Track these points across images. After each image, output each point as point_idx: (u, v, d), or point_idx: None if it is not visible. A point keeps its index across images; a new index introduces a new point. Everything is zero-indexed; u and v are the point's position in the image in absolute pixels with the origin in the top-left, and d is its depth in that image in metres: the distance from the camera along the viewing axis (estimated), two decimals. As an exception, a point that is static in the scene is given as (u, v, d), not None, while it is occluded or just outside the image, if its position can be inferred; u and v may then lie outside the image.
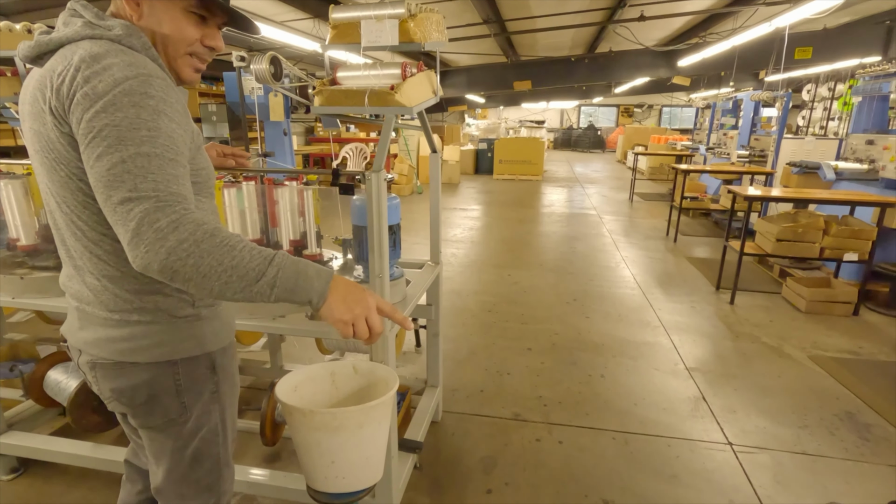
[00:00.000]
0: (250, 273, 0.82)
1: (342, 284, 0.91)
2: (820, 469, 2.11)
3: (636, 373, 2.90)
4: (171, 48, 0.95)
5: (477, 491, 1.98)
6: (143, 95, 0.83)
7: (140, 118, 0.81)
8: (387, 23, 1.41)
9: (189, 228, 0.79)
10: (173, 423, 1.06)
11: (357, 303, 0.90)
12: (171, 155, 0.84)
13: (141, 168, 0.80)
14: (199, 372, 1.06)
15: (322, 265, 0.94)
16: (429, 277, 2.09)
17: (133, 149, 0.80)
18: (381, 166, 1.38)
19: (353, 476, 1.35)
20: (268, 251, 0.85)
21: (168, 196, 0.80)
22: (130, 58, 0.86)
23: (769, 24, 5.45)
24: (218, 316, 1.09)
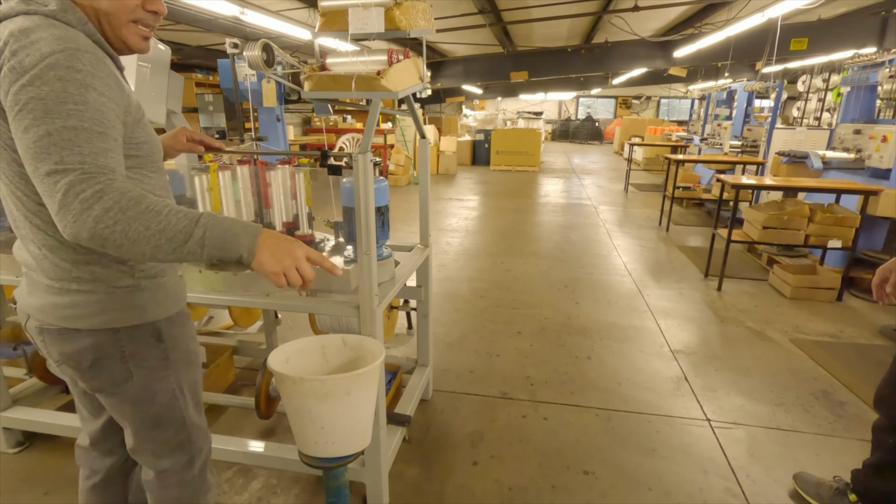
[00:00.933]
0: (178, 235, 0.85)
1: (270, 238, 0.93)
2: (792, 443, 2.20)
3: (622, 355, 2.99)
4: (113, 18, 0.96)
5: (464, 463, 2.07)
6: (69, 69, 0.83)
7: (67, 92, 0.83)
8: (373, 10, 1.47)
9: (114, 197, 0.82)
10: (120, 387, 1.09)
11: (286, 254, 0.93)
12: (99, 128, 0.85)
13: (67, 141, 0.82)
14: (144, 340, 1.08)
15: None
16: (418, 259, 2.16)
17: (60, 122, 0.82)
18: (368, 148, 1.45)
19: (342, 441, 1.44)
20: (194, 212, 0.88)
21: (93, 168, 0.83)
22: (61, 32, 0.87)
23: (763, 15, 5.49)
24: (162, 286, 1.11)
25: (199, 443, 1.26)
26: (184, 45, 7.51)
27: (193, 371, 1.22)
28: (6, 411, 2.08)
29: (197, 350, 1.25)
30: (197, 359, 1.25)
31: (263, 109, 2.08)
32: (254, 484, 1.95)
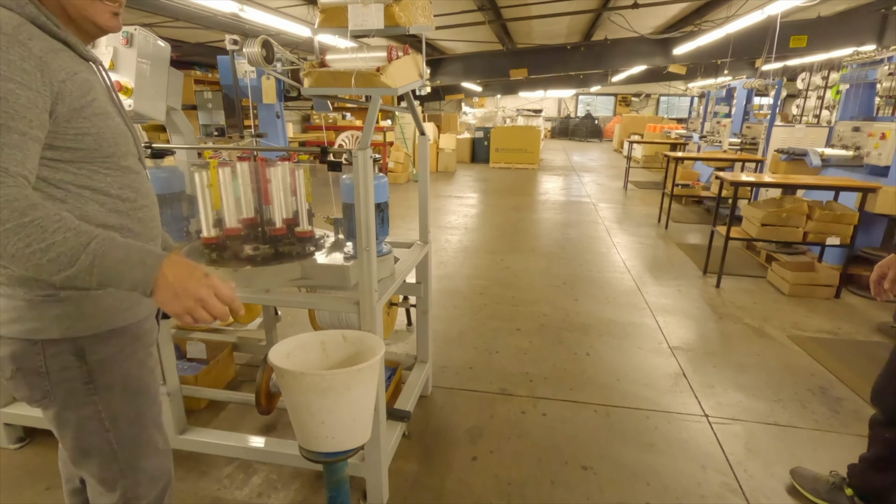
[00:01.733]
0: (61, 258, 0.76)
1: (171, 274, 0.83)
2: (789, 438, 2.22)
3: (620, 351, 3.00)
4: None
5: (463, 458, 2.08)
6: None
7: None
8: (372, 7, 1.47)
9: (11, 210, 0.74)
10: (41, 403, 0.99)
11: (188, 294, 0.84)
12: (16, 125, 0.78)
13: None
14: (63, 358, 0.96)
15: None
16: (418, 255, 2.17)
17: None
18: (367, 144, 1.46)
19: (342, 436, 1.45)
20: (88, 235, 0.79)
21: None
22: None
23: (762, 12, 5.49)
24: (91, 299, 0.96)
25: (138, 488, 1.09)
26: (183, 41, 7.50)
27: (135, 402, 1.05)
28: (7, 407, 2.09)
29: (147, 378, 1.08)
30: (146, 388, 1.08)
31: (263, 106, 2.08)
32: (254, 479, 1.96)
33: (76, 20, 0.93)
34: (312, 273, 1.71)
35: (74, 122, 0.88)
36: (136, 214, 1.01)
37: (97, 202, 0.95)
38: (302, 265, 1.72)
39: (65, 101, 0.86)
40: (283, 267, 1.69)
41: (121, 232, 0.96)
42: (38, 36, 0.85)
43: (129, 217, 1.00)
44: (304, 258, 1.74)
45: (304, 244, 1.80)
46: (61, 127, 0.86)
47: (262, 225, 1.84)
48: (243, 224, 1.82)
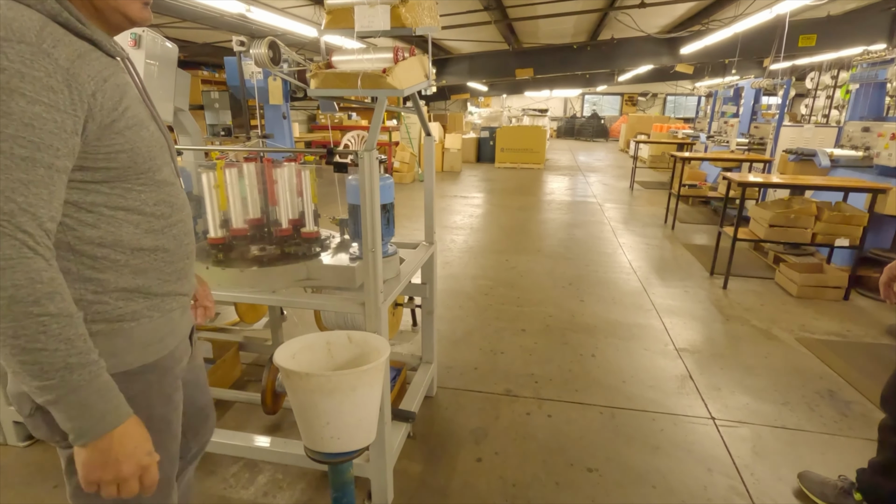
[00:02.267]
0: (36, 366, 0.70)
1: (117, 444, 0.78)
2: (797, 441, 2.20)
3: (626, 353, 2.99)
4: None
5: (468, 459, 2.08)
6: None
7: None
8: (379, 8, 1.47)
9: (17, 279, 0.67)
10: (59, 444, 0.90)
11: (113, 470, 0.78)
12: (23, 151, 0.68)
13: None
14: None
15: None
16: (423, 256, 2.17)
17: None
18: (374, 145, 1.46)
19: (347, 437, 1.45)
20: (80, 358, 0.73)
21: (7, 218, 0.67)
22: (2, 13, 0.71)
23: (770, 11, 5.44)
24: (124, 334, 0.89)
25: None
26: (190, 42, 7.54)
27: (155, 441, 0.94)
28: (16, 405, 2.11)
29: (171, 416, 1.00)
30: (167, 426, 0.99)
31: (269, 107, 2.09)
32: (259, 478, 1.96)
33: (104, 11, 0.84)
34: (318, 274, 1.72)
35: (106, 139, 0.80)
36: (170, 231, 0.94)
37: (132, 223, 0.87)
38: (308, 266, 1.73)
39: (95, 117, 0.77)
40: (289, 267, 1.70)
41: (155, 254, 0.91)
42: (63, 39, 0.74)
43: (164, 235, 0.92)
44: (310, 259, 1.75)
45: (309, 245, 1.81)
46: (92, 146, 0.78)
47: (268, 225, 1.85)
48: (250, 225, 1.83)
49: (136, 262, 0.88)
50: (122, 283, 0.87)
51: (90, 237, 0.82)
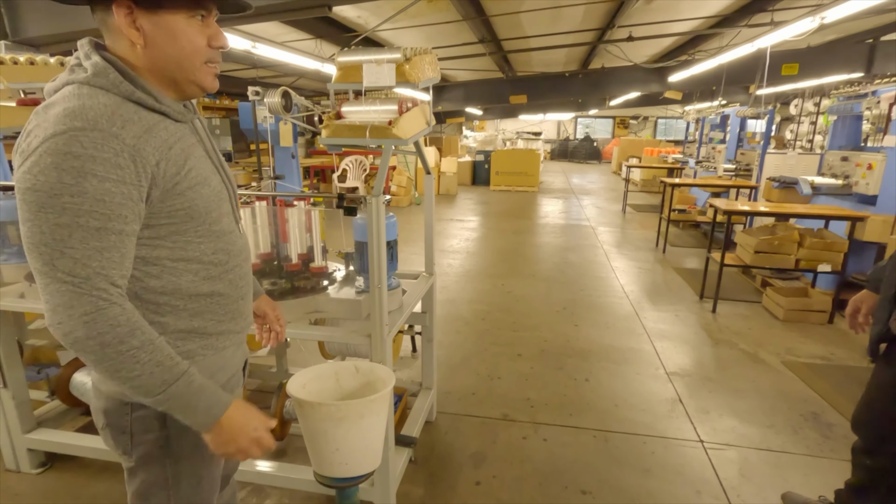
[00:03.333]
0: (142, 388, 0.86)
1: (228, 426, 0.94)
2: (782, 464, 2.30)
3: (619, 377, 3.10)
4: (186, 63, 0.92)
5: (467, 483, 2.16)
6: (66, 156, 0.78)
7: (62, 182, 0.78)
8: (385, 66, 1.62)
9: (100, 328, 0.80)
10: (122, 455, 1.05)
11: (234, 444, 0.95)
12: (97, 223, 0.80)
13: (58, 241, 0.78)
14: (148, 423, 1.01)
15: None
16: (423, 287, 2.29)
17: (53, 218, 0.78)
18: (381, 191, 1.59)
19: (354, 462, 1.55)
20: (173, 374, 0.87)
21: (84, 281, 0.80)
22: (80, 103, 0.82)
23: (752, 45, 5.71)
24: None
25: None
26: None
27: (201, 468, 1.09)
28: (31, 433, 2.18)
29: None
30: (211, 457, 1.10)
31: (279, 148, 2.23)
32: (267, 503, 2.04)
33: (181, 84, 0.95)
34: (326, 306, 1.83)
35: (169, 200, 0.90)
36: (227, 277, 1.04)
37: (191, 272, 0.98)
38: (316, 299, 1.84)
39: (158, 184, 0.88)
40: (299, 301, 1.81)
41: (211, 298, 1.02)
42: (132, 118, 0.85)
43: (221, 281, 1.03)
44: (319, 292, 1.86)
45: (318, 279, 1.93)
46: (156, 208, 0.89)
47: (278, 260, 1.97)
48: (261, 259, 1.95)
49: (194, 307, 1.00)
50: (180, 326, 0.99)
51: (153, 287, 0.94)
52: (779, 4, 5.29)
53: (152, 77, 0.92)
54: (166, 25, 0.88)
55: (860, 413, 1.75)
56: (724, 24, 6.22)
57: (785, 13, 5.31)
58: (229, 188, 1.08)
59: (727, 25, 6.17)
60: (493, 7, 5.23)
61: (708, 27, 6.46)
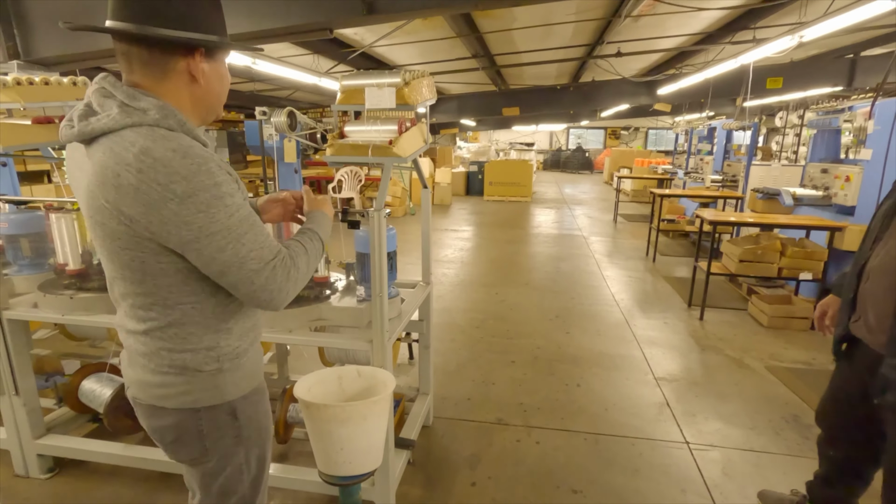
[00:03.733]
0: (319, 255, 1.19)
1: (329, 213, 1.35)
2: (763, 463, 2.41)
3: (609, 382, 3.20)
4: (222, 98, 1.11)
5: (463, 484, 2.26)
6: (215, 186, 0.94)
7: (226, 206, 0.96)
8: (386, 90, 1.74)
9: (291, 271, 1.06)
10: (197, 461, 1.16)
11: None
12: (253, 217, 1.01)
13: (256, 243, 1.00)
14: (221, 419, 1.13)
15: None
16: (421, 296, 2.39)
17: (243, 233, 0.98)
18: (382, 205, 1.70)
19: (358, 461, 1.65)
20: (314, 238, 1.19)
21: (270, 255, 1.02)
22: (176, 143, 0.92)
23: (736, 61, 5.91)
24: (241, 367, 1.15)
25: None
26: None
27: (264, 445, 1.26)
28: (40, 439, 2.25)
29: (268, 426, 1.28)
30: (267, 434, 1.28)
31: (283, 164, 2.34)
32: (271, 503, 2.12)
33: (210, 115, 1.12)
34: (330, 314, 1.93)
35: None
36: None
37: None
38: (320, 308, 1.94)
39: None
40: (304, 309, 1.91)
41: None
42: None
43: None
44: (322, 301, 1.96)
45: (321, 288, 2.03)
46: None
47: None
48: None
49: (245, 309, 1.15)
50: (243, 325, 1.16)
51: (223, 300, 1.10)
52: (760, 23, 5.50)
53: (192, 112, 1.06)
54: (219, 69, 1.07)
55: (823, 407, 1.87)
56: (708, 41, 6.44)
57: (766, 31, 5.53)
58: None
59: (712, 42, 6.38)
60: (486, 24, 5.40)
61: (693, 43, 6.68)
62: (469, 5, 2.23)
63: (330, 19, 2.29)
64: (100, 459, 2.22)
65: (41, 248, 2.27)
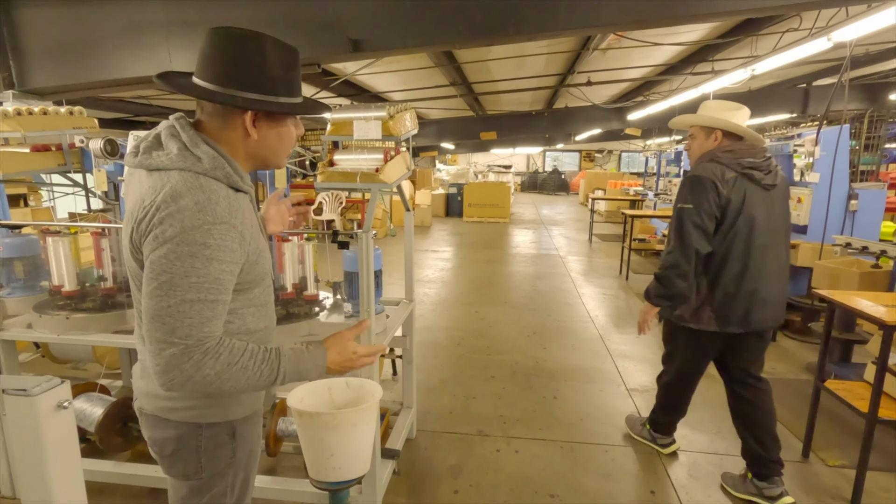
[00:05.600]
0: (261, 384, 1.04)
1: (333, 363, 1.17)
2: (726, 465, 2.58)
3: (584, 394, 3.36)
4: (282, 153, 1.14)
5: (446, 492, 2.36)
6: (201, 246, 0.94)
7: (193, 267, 0.94)
8: (372, 123, 1.91)
9: (209, 364, 0.96)
10: (189, 476, 1.17)
11: (346, 365, 1.20)
12: (212, 297, 0.97)
13: (181, 314, 0.94)
14: (221, 438, 1.16)
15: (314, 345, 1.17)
16: (404, 312, 2.53)
17: (180, 295, 0.93)
18: (370, 227, 1.85)
19: (347, 467, 1.75)
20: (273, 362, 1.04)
21: (196, 341, 0.95)
22: (206, 196, 0.96)
23: (697, 90, 6.32)
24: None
25: None
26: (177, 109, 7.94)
27: (248, 470, 1.27)
28: (29, 459, 2.28)
29: (258, 451, 1.31)
30: (255, 459, 1.30)
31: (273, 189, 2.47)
32: (260, 517, 2.18)
33: (268, 165, 1.16)
34: (319, 330, 2.05)
35: (249, 270, 1.09)
36: (269, 313, 1.25)
37: (251, 314, 1.16)
38: (310, 324, 2.06)
39: (248, 258, 1.07)
40: (294, 325, 2.03)
41: (263, 332, 1.22)
42: (237, 206, 1.02)
43: (266, 317, 1.23)
44: (311, 318, 2.09)
45: (311, 306, 2.15)
46: (242, 276, 1.08)
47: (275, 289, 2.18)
48: (259, 289, 2.16)
49: (253, 340, 1.15)
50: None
51: (231, 329, 1.12)
52: (717, 55, 5.92)
53: (245, 157, 1.11)
54: (279, 128, 1.10)
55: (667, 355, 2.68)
56: (671, 72, 6.85)
57: (724, 63, 5.95)
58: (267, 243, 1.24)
59: (674, 73, 6.80)
60: (463, 55, 5.68)
61: (657, 74, 7.09)
62: (446, 45, 2.44)
63: (318, 55, 2.47)
64: (90, 478, 2.23)
65: (34, 270, 2.34)
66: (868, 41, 5.32)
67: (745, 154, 2.10)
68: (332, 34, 2.42)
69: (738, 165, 2.08)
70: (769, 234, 2.12)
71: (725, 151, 2.12)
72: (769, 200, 2.13)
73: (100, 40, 2.78)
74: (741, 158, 2.09)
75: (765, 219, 2.10)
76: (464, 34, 2.34)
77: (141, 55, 2.71)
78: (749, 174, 2.08)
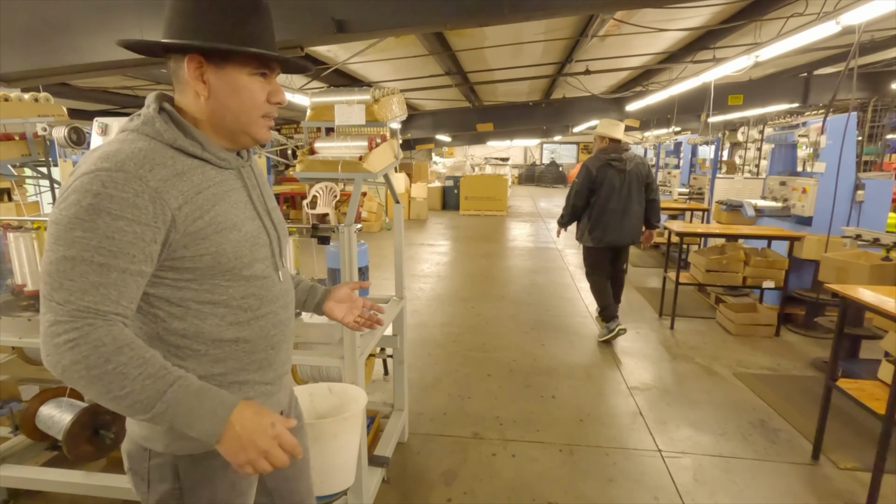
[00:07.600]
0: (137, 405, 0.81)
1: (240, 426, 0.85)
2: (732, 468, 2.46)
3: (583, 393, 3.24)
4: (244, 117, 0.95)
5: (439, 500, 2.24)
6: (86, 193, 0.81)
7: (77, 217, 0.80)
8: (356, 107, 1.76)
9: (84, 351, 0.79)
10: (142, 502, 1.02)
11: (253, 447, 0.84)
12: (101, 258, 0.81)
13: (61, 273, 0.80)
14: (163, 471, 0.98)
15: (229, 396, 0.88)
16: (394, 310, 2.39)
17: (62, 251, 0.80)
18: (353, 220, 1.71)
19: (329, 481, 1.62)
20: (166, 382, 0.83)
21: (74, 310, 0.80)
22: (118, 147, 0.86)
23: (698, 79, 6.17)
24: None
25: None
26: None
27: None
28: (-6, 469, 2.14)
29: (235, 502, 1.04)
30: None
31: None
32: (241, 530, 2.05)
33: (235, 134, 0.98)
34: (301, 331, 1.91)
35: (192, 245, 0.90)
36: (256, 324, 1.01)
37: (217, 316, 0.96)
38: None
39: (178, 227, 0.88)
40: (273, 327, 1.89)
41: (236, 344, 0.99)
42: (165, 163, 0.88)
43: (249, 327, 1.00)
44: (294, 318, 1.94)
45: (292, 305, 2.01)
46: (179, 252, 0.90)
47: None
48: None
49: (216, 352, 0.97)
50: (199, 371, 0.95)
51: (175, 329, 0.94)
52: (719, 43, 5.76)
53: (210, 127, 0.96)
54: (230, 80, 0.93)
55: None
56: (672, 60, 6.69)
57: (726, 51, 5.79)
58: (271, 234, 1.05)
59: (675, 61, 6.63)
60: (458, 42, 5.50)
61: (658, 62, 6.93)
62: (437, 25, 2.28)
63: (301, 37, 2.30)
64: (58, 489, 2.12)
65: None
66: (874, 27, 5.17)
67: (612, 151, 3.94)
68: (315, 14, 2.26)
69: (606, 158, 3.91)
70: (621, 196, 3.91)
71: (602, 151, 3.97)
72: (623, 178, 3.92)
73: (69, 23, 2.62)
74: (608, 154, 3.92)
75: (618, 188, 3.90)
76: (456, 13, 2.18)
77: (112, 38, 2.54)
78: (610, 163, 3.90)
